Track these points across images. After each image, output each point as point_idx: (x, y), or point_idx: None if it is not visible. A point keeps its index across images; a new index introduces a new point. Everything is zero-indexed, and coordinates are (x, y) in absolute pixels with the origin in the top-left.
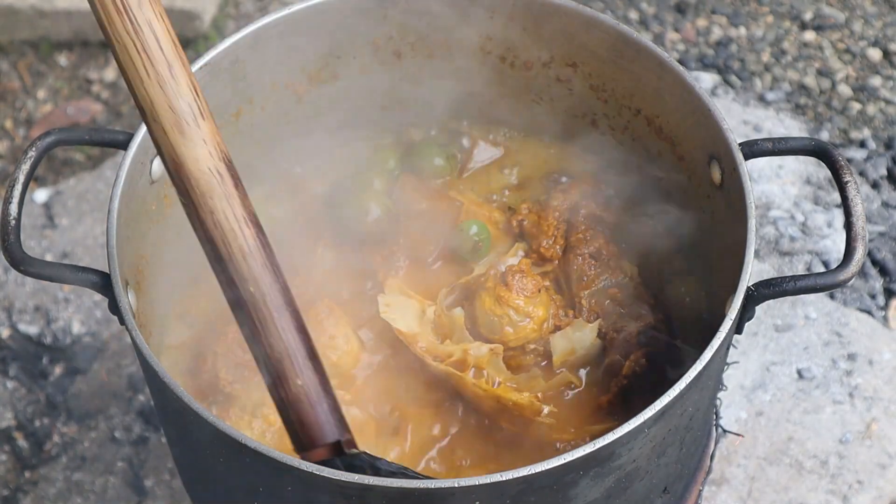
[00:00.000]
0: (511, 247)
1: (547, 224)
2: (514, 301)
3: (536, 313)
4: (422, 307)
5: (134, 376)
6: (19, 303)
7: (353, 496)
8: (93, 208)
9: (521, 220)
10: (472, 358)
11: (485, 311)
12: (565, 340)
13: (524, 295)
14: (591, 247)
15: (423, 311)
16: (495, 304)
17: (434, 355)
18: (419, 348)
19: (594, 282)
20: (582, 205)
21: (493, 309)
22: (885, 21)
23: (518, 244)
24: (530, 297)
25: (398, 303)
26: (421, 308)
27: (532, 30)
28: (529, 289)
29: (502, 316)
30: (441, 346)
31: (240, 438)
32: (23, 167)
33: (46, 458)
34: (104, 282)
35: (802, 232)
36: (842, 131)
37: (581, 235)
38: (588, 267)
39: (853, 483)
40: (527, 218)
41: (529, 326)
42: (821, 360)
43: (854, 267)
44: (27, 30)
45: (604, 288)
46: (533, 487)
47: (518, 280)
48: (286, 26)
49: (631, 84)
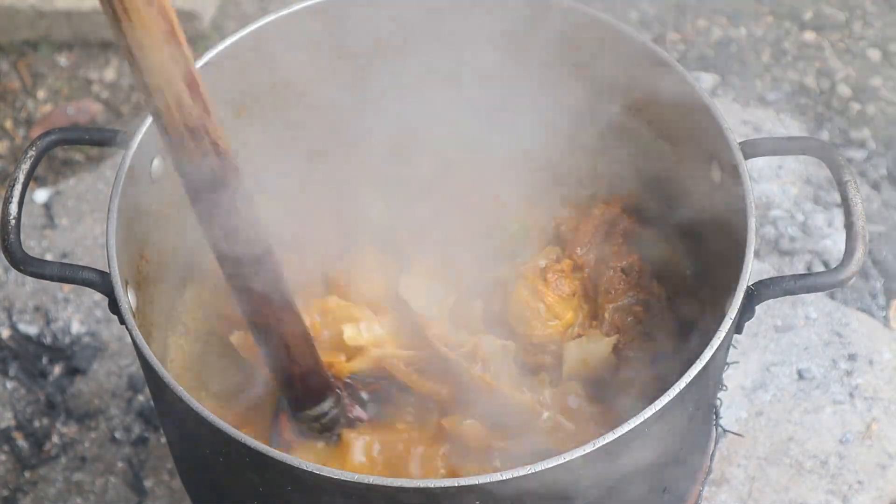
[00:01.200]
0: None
1: (584, 232)
2: (548, 297)
3: (565, 315)
4: (444, 291)
5: (134, 376)
6: (19, 303)
7: (353, 495)
8: (93, 208)
9: (560, 224)
10: (483, 352)
11: (519, 300)
12: (579, 350)
13: (559, 294)
14: (625, 261)
15: (445, 295)
16: (531, 296)
17: (445, 343)
18: (432, 333)
19: (620, 297)
20: (621, 219)
21: (527, 300)
22: (885, 21)
23: (550, 248)
24: (565, 298)
25: (420, 283)
26: (443, 291)
27: (532, 30)
28: (566, 290)
29: (535, 309)
30: (453, 335)
31: (240, 438)
32: (23, 167)
33: (46, 459)
34: (104, 281)
35: (802, 231)
36: (842, 131)
37: (617, 249)
38: (618, 281)
39: (853, 483)
40: (566, 223)
41: (555, 327)
42: (821, 361)
43: (854, 266)
44: (27, 30)
45: (628, 304)
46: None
47: (557, 279)
48: (286, 26)
49: (631, 84)
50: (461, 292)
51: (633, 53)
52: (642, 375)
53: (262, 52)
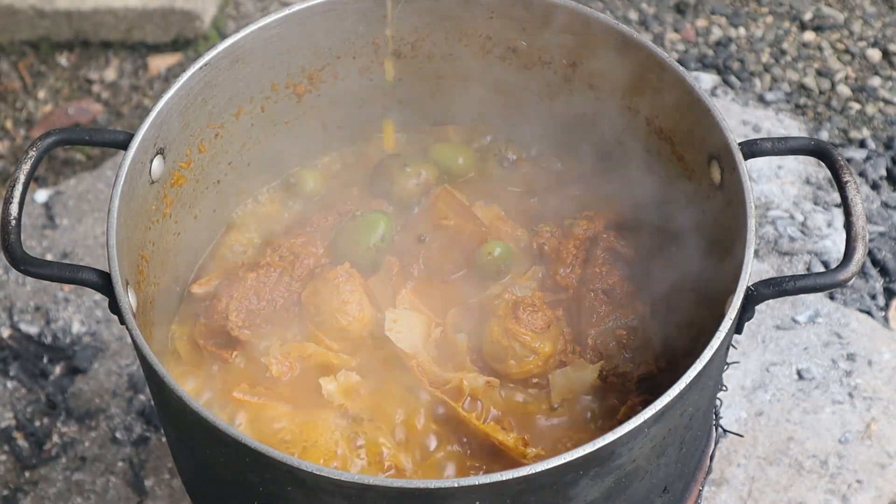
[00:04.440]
0: (528, 269)
1: (566, 252)
2: (522, 336)
3: (543, 349)
4: (429, 325)
5: (134, 376)
6: (19, 302)
7: (352, 496)
8: (93, 208)
9: (542, 244)
10: (468, 388)
11: (492, 340)
12: (565, 379)
13: (532, 330)
14: (606, 283)
15: (430, 329)
16: (503, 335)
17: (431, 380)
18: (417, 370)
19: (603, 320)
20: (602, 237)
21: (500, 339)
22: (884, 21)
23: (535, 267)
24: (538, 332)
25: (405, 318)
26: (428, 326)
27: (532, 30)
28: (539, 325)
29: (508, 348)
30: (439, 372)
31: (240, 438)
32: (23, 167)
33: (46, 458)
34: (104, 281)
35: (802, 232)
36: (841, 131)
37: (597, 269)
38: (599, 304)
39: (853, 483)
40: (548, 242)
41: (534, 362)
42: (821, 361)
43: (854, 267)
44: (27, 30)
45: (611, 328)
46: (533, 487)
47: (528, 314)
48: (286, 26)
49: (631, 84)
50: (447, 324)
51: (632, 54)
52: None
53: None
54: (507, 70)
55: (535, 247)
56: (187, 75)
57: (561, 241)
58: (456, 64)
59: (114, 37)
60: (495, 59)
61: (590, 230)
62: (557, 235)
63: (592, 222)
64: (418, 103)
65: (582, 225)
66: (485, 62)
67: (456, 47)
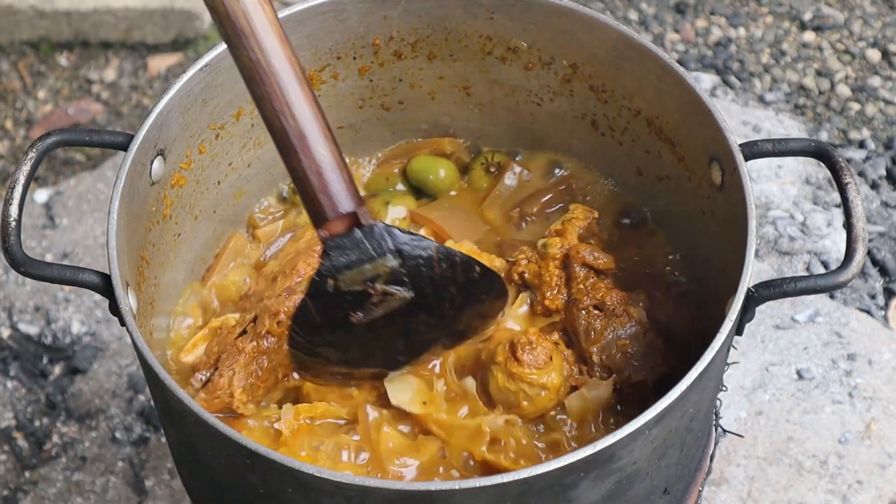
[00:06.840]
0: (516, 298)
1: (549, 274)
2: (528, 376)
3: (552, 382)
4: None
5: (134, 376)
6: (19, 303)
7: (353, 497)
8: (93, 209)
9: (522, 273)
10: (489, 432)
11: (498, 388)
12: (581, 401)
13: (536, 367)
14: (594, 298)
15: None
16: (508, 381)
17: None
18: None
19: (602, 335)
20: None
21: (506, 385)
22: (884, 21)
23: (523, 294)
24: (543, 367)
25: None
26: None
27: (533, 31)
28: (541, 360)
29: (517, 392)
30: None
31: (240, 440)
32: (23, 168)
33: (46, 458)
34: (105, 283)
35: (802, 232)
36: (841, 132)
37: (581, 286)
38: (593, 319)
39: (853, 483)
40: (527, 269)
41: (547, 397)
42: (820, 360)
43: (854, 268)
44: (27, 30)
45: (613, 340)
46: (534, 489)
47: (528, 353)
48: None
49: (631, 85)
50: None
51: (632, 55)
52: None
53: None
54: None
55: (515, 277)
56: (187, 76)
57: (540, 264)
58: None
59: (114, 37)
60: (496, 60)
61: (564, 246)
62: (535, 260)
63: (563, 237)
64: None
65: (555, 243)
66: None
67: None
